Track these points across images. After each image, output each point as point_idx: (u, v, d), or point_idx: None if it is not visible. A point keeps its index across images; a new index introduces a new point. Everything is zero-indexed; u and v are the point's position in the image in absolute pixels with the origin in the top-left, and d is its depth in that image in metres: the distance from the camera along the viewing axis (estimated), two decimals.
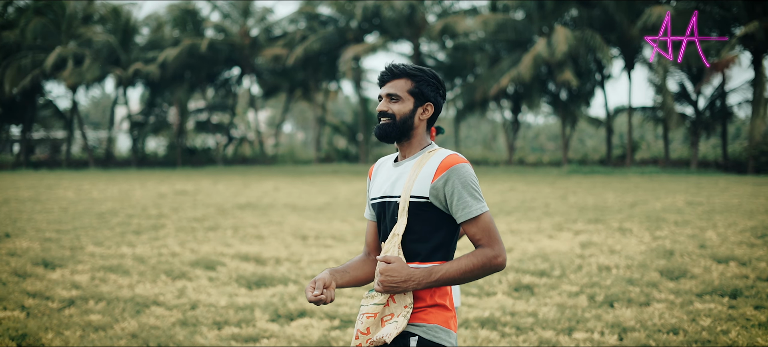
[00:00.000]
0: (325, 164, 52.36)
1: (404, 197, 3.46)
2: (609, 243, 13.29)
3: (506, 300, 8.63)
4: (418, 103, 3.56)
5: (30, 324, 7.55)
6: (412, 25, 49.93)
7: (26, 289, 9.25)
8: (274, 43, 52.75)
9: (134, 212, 19.76)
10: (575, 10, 46.08)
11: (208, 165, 51.75)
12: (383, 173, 3.69)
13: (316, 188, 30.10)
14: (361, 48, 49.93)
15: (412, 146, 3.59)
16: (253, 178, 36.82)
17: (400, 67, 3.58)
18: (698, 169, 43.52)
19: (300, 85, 55.68)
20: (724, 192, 25.34)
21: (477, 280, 3.28)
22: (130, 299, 8.80)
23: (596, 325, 7.40)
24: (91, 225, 16.47)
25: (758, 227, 15.11)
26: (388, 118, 3.55)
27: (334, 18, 53.48)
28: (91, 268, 10.82)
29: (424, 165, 3.49)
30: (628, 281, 9.52)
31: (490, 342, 6.99)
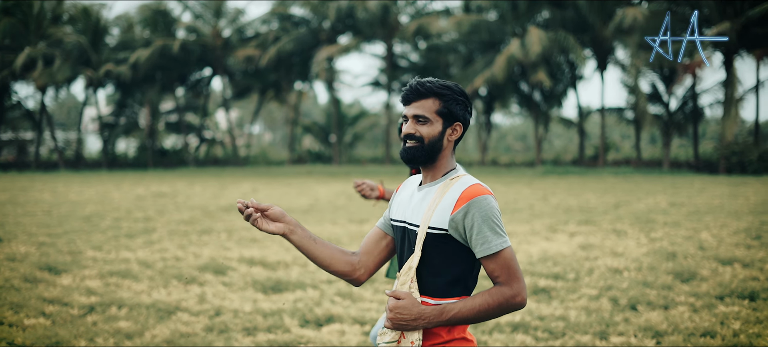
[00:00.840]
0: (299, 166, 52.24)
1: (422, 229, 3.26)
2: (608, 245, 13.39)
3: (529, 304, 8.67)
4: (447, 123, 3.34)
5: (60, 331, 7.47)
6: (386, 26, 50.02)
7: (42, 295, 9.16)
8: (247, 44, 52.58)
9: (119, 215, 19.60)
10: (548, 11, 46.39)
11: (180, 166, 51.44)
12: (407, 193, 3.51)
13: (294, 189, 30.03)
14: (334, 49, 49.94)
15: (436, 169, 3.38)
16: (229, 180, 36.65)
17: (426, 86, 3.35)
18: (670, 169, 43.98)
19: (272, 86, 55.49)
20: (702, 193, 25.61)
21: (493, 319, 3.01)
22: (151, 305, 8.74)
23: (628, 329, 7.46)
24: (81, 229, 16.31)
25: (750, 228, 15.28)
26: (415, 141, 3.33)
27: (306, 19, 53.41)
28: (98, 273, 10.73)
29: (445, 194, 3.28)
30: (644, 283, 9.60)
31: None
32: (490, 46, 48.03)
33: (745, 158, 38.47)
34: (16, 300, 8.81)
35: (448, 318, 3.16)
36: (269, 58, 49.18)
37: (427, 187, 3.37)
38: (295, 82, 56.24)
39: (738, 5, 39.30)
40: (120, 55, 50.30)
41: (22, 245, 13.52)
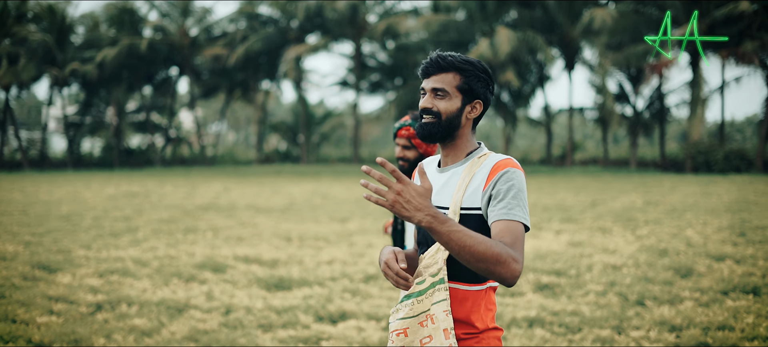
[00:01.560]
0: (267, 165, 52.05)
1: (453, 210, 3.07)
2: (597, 243, 13.51)
3: (539, 300, 8.73)
4: (467, 100, 3.17)
5: (78, 329, 7.41)
6: (355, 25, 50.00)
7: (46, 293, 9.08)
8: (215, 43, 52.29)
9: (97, 214, 19.44)
10: (516, 11, 46.67)
11: (147, 166, 51.05)
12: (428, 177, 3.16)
13: (266, 189, 29.92)
14: (303, 48, 49.87)
15: (457, 147, 3.21)
16: (198, 179, 36.42)
17: (448, 60, 3.18)
18: (638, 168, 44.42)
19: (239, 86, 55.23)
20: (674, 192, 25.88)
21: (475, 269, 2.77)
22: (160, 302, 8.69)
23: (642, 323, 7.53)
24: (63, 228, 16.15)
25: (733, 226, 15.48)
26: (432, 116, 3.16)
27: (274, 18, 53.26)
28: (95, 272, 10.65)
29: (475, 173, 3.11)
30: (645, 279, 9.70)
31: (547, 342, 7.07)
32: (459, 46, 48.20)
33: (711, 157, 38.95)
34: (22, 298, 8.72)
35: (446, 230, 2.80)
36: (237, 58, 48.94)
37: (451, 168, 3.21)
38: (262, 82, 56.03)
39: (704, 6, 39.79)
40: (86, 53, 49.76)
41: (9, 245, 13.38)
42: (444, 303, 3.04)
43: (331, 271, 10.80)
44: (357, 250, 13.04)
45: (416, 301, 3.08)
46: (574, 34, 43.85)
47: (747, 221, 16.22)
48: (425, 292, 3.06)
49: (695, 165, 39.68)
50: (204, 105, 77.38)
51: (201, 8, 53.15)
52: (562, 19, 44.15)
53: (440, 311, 3.04)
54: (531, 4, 46.11)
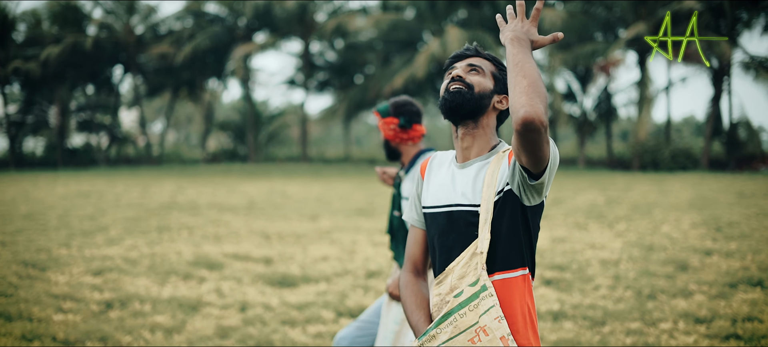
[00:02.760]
0: (214, 165, 51.59)
1: (486, 207, 2.86)
2: (580, 239, 13.61)
3: (553, 293, 8.77)
4: (497, 89, 3.03)
5: (102, 326, 7.27)
6: (303, 24, 49.82)
7: (50, 292, 8.89)
8: (161, 41, 51.64)
9: (58, 213, 19.04)
10: (465, 10, 46.94)
11: (91, 166, 50.22)
12: (443, 175, 3.08)
13: (221, 188, 29.58)
14: (252, 47, 49.56)
15: (478, 138, 3.01)
16: (148, 179, 35.89)
17: (486, 53, 3.11)
18: (586, 166, 44.99)
19: (186, 84, 54.66)
20: (630, 190, 26.15)
21: (516, 94, 2.60)
22: (171, 299, 8.55)
23: (665, 315, 7.60)
24: (31, 227, 15.82)
25: (706, 222, 15.72)
26: (463, 85, 2.99)
27: (221, 16, 52.85)
28: (88, 270, 10.46)
29: (502, 164, 2.92)
30: (647, 273, 9.80)
31: (579, 335, 7.09)
32: (408, 45, 48.33)
33: (658, 156, 39.58)
34: (28, 297, 8.54)
35: (525, 50, 2.79)
36: (185, 56, 48.44)
37: (475, 162, 3.00)
38: (209, 80, 55.55)
39: (651, 5, 40.44)
40: (28, 51, 48.73)
41: None
42: (493, 309, 2.81)
43: (331, 268, 10.74)
44: (346, 247, 12.97)
45: (459, 316, 2.84)
46: None
47: (716, 217, 16.48)
48: (467, 304, 2.84)
49: (642, 163, 40.28)
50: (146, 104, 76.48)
51: (146, 6, 52.41)
52: None
53: (492, 320, 2.81)
54: (480, 4, 46.41)
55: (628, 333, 7.04)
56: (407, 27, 46.95)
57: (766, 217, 16.17)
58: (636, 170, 40.36)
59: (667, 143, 40.86)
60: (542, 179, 2.79)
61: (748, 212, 17.40)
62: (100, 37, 50.39)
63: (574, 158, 48.78)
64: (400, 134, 4.95)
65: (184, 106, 66.98)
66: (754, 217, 16.30)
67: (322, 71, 53.83)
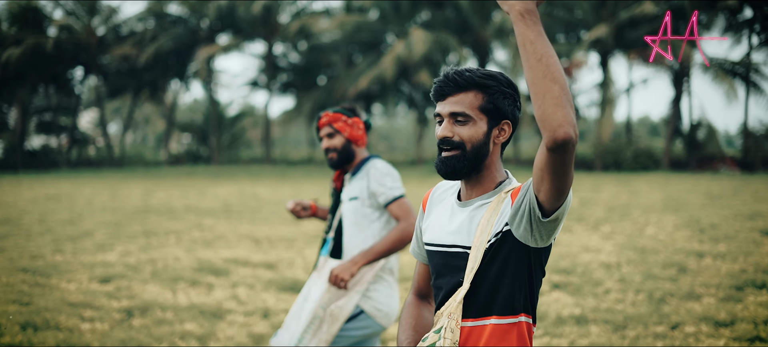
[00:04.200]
0: (178, 167, 51.24)
1: (475, 254, 2.71)
2: (571, 241, 13.82)
3: (569, 298, 8.93)
4: (493, 123, 2.76)
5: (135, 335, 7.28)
6: (267, 25, 49.72)
7: (66, 300, 8.87)
8: (123, 43, 51.17)
9: (34, 218, 18.82)
10: (428, 12, 47.22)
11: (52, 169, 49.58)
12: (443, 211, 2.93)
13: (191, 191, 29.42)
14: (215, 48, 49.36)
15: (483, 179, 2.81)
16: (113, 181, 35.57)
17: (466, 76, 2.73)
18: None
19: (148, 86, 54.24)
20: (599, 191, 26.39)
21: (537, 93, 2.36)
22: (191, 306, 8.60)
23: (682, 318, 7.78)
24: (14, 233, 15.67)
25: (689, 223, 15.99)
26: (455, 149, 2.74)
27: (183, 17, 52.55)
28: (92, 277, 10.43)
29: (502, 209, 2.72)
30: (651, 277, 10.00)
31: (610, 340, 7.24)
32: (372, 46, 48.47)
33: (620, 156, 40.13)
34: (46, 305, 8.52)
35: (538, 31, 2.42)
36: (147, 57, 48.09)
37: (477, 202, 2.81)
38: (171, 82, 55.21)
39: (611, 7, 41.01)
40: None
41: None
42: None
43: None
44: None
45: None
46: (486, 35, 44.63)
47: (695, 219, 16.76)
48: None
49: (605, 164, 40.80)
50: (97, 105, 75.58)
51: (108, 7, 51.90)
52: (474, 21, 44.84)
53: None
54: (443, 5, 46.71)
55: (657, 338, 7.19)
56: (371, 28, 47.11)
57: (744, 218, 16.47)
58: (599, 170, 40.85)
59: (628, 144, 41.42)
60: (557, 215, 2.56)
61: (724, 213, 17.72)
62: (61, 39, 49.80)
63: None
64: (363, 137, 4.99)
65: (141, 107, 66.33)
66: (731, 218, 16.60)
67: (286, 73, 53.75)
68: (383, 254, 4.73)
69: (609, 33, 39.95)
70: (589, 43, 40.90)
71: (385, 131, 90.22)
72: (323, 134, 4.99)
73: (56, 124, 52.65)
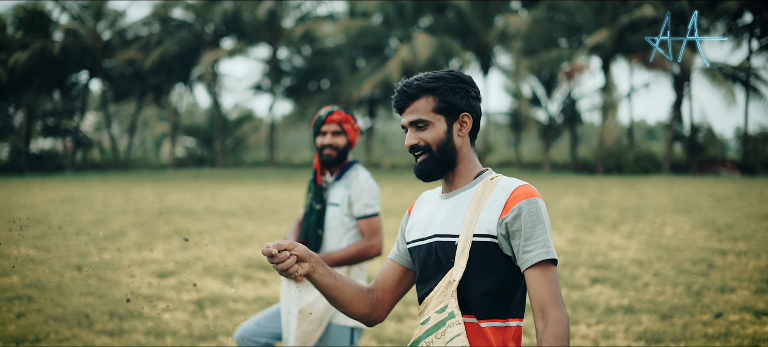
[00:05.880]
0: (184, 170, 51.62)
1: (465, 236, 2.80)
2: (594, 240, 14.30)
3: (611, 291, 9.43)
4: (451, 119, 2.92)
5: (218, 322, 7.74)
6: (272, 30, 50.15)
7: (136, 292, 9.31)
8: (128, 47, 51.52)
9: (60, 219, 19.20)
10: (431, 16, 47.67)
11: (59, 172, 49.88)
12: (428, 208, 3.04)
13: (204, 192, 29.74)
14: (220, 53, 49.81)
15: (461, 173, 2.95)
16: (123, 184, 35.92)
17: (414, 85, 2.91)
18: (552, 170, 45.93)
19: (152, 90, 54.62)
20: (606, 193, 26.87)
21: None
22: (258, 298, 9.08)
23: (722, 308, 8.29)
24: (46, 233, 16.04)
25: (705, 223, 16.51)
26: (423, 152, 2.91)
27: (188, 22, 52.95)
28: (146, 272, 10.87)
29: (489, 196, 2.84)
30: (684, 271, 10.52)
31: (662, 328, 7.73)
32: (375, 50, 48.93)
33: (622, 160, 40.63)
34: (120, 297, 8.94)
35: None
36: (153, 61, 48.45)
37: (459, 193, 2.94)
38: (175, 86, 55.60)
39: (612, 11, 41.54)
40: None
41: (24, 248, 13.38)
42: (460, 338, 2.73)
43: (376, 265, 11.27)
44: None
45: (425, 344, 2.81)
46: (489, 39, 45.14)
47: (710, 220, 17.27)
48: (434, 331, 2.79)
49: (607, 167, 41.29)
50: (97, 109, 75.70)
51: (113, 11, 52.25)
52: (477, 25, 45.33)
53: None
54: (446, 10, 47.23)
55: (704, 324, 7.70)
56: (374, 33, 47.54)
57: (757, 219, 17.00)
58: (600, 173, 41.34)
59: (630, 148, 41.92)
60: None
61: (736, 214, 18.24)
62: (67, 43, 50.11)
63: (539, 163, 49.85)
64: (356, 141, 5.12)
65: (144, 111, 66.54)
66: (745, 219, 17.12)
67: (290, 77, 54.20)
68: (341, 262, 4.87)
69: (610, 37, 40.46)
70: (590, 48, 41.41)
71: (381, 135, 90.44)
72: (329, 130, 5.01)
73: (61, 127, 52.92)
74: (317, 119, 5.05)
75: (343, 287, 2.94)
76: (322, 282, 2.87)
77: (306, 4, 52.41)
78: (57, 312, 8.37)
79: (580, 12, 43.47)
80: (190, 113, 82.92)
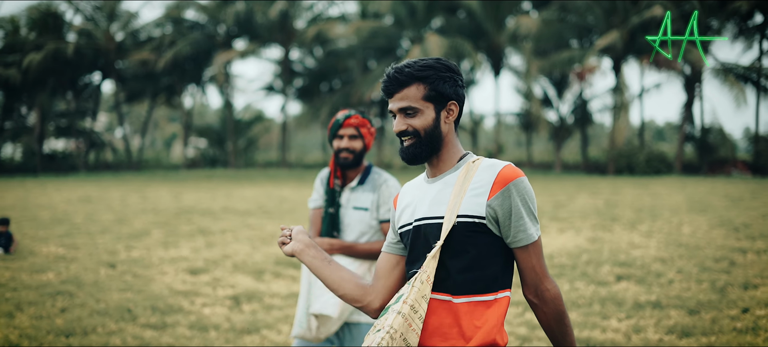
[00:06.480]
0: (196, 170, 51.93)
1: (449, 217, 2.89)
2: (613, 239, 14.48)
3: (637, 287, 9.63)
4: (439, 107, 3.00)
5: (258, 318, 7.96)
6: (284, 31, 50.41)
7: (173, 289, 9.51)
8: (141, 48, 51.84)
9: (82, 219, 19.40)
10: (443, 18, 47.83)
11: (72, 172, 50.20)
12: (413, 194, 3.13)
13: (219, 194, 29.88)
14: (233, 54, 50.10)
15: (445, 158, 3.05)
16: (137, 184, 36.15)
17: (405, 72, 2.99)
18: (563, 171, 46.10)
19: (164, 91, 54.94)
20: (619, 193, 26.99)
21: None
22: (291, 294, 9.26)
23: (750, 304, 8.48)
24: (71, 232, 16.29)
25: (722, 222, 16.67)
26: (411, 137, 3.00)
27: (200, 23, 53.23)
28: (178, 270, 11.09)
29: (473, 178, 2.94)
30: (706, 269, 10.70)
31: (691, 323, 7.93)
32: (387, 51, 49.15)
33: (633, 160, 40.76)
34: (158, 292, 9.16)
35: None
36: (165, 62, 48.74)
37: (442, 177, 3.04)
38: (188, 87, 55.90)
39: (623, 12, 41.69)
40: (9, 58, 48.67)
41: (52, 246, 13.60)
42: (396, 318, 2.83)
43: None
44: None
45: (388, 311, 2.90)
46: (500, 40, 45.31)
47: (727, 219, 17.42)
48: (395, 303, 2.92)
49: (618, 168, 41.43)
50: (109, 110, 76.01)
51: (126, 12, 52.57)
52: (488, 26, 45.50)
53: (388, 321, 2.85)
54: (457, 11, 47.42)
55: (732, 319, 7.89)
56: (386, 34, 47.76)
57: None
58: (612, 174, 41.49)
59: (641, 148, 42.07)
60: None
61: (751, 214, 18.40)
62: (80, 44, 50.42)
63: (550, 163, 50.01)
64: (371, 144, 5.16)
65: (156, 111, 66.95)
66: (760, 218, 17.29)
67: (302, 78, 54.46)
68: (359, 255, 4.92)
69: (621, 38, 40.61)
70: (601, 49, 41.57)
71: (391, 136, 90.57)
72: (346, 134, 5.03)
73: (75, 128, 53.23)
74: (334, 122, 5.09)
75: (335, 271, 3.10)
76: (311, 263, 3.07)
77: (318, 5, 52.74)
78: (99, 307, 8.61)
79: (591, 13, 43.67)
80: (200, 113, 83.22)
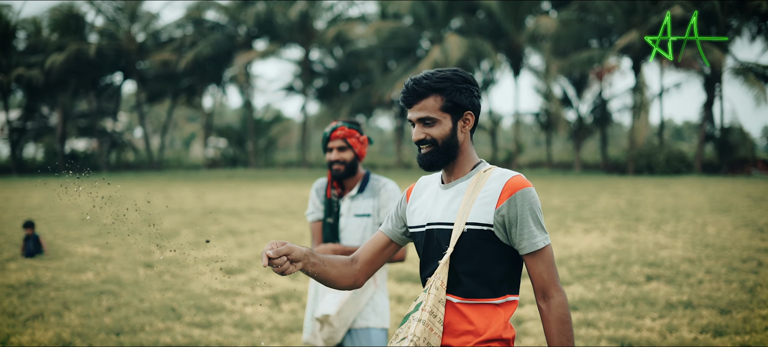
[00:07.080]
0: (217, 170, 52.26)
1: (458, 225, 3.04)
2: (639, 240, 14.63)
3: (667, 287, 9.79)
4: (456, 117, 3.12)
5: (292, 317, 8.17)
6: (304, 32, 50.67)
7: (213, 288, 9.73)
8: (162, 49, 52.20)
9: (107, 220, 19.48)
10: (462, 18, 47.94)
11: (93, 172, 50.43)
12: (427, 196, 3.27)
13: (241, 193, 30.20)
14: (253, 54, 50.40)
15: (460, 164, 3.18)
16: (160, 184, 36.45)
17: (423, 84, 3.09)
18: (582, 171, 46.16)
19: (185, 91, 55.31)
20: (640, 193, 27.05)
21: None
22: None
23: None
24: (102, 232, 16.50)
25: (746, 223, 16.78)
26: (428, 145, 3.11)
27: (221, 24, 53.55)
28: (213, 270, 11.30)
29: (483, 187, 3.08)
30: (734, 269, 10.84)
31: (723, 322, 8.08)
32: (407, 52, 49.33)
33: (653, 160, 40.76)
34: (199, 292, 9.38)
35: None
36: (186, 63, 49.07)
37: (456, 184, 3.17)
38: (208, 87, 56.24)
39: (643, 12, 41.70)
40: (32, 59, 49.11)
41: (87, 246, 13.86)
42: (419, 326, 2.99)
43: None
44: None
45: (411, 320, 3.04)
46: (520, 40, 45.42)
47: (751, 220, 17.52)
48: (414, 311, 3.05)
49: (638, 167, 41.45)
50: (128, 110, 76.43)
51: (147, 13, 52.94)
52: (508, 26, 45.61)
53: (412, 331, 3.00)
54: (476, 11, 47.55)
55: (764, 319, 8.04)
56: (406, 34, 47.96)
57: None
58: (631, 173, 41.51)
59: (661, 148, 42.07)
60: None
61: None
62: (102, 45, 50.80)
63: (570, 163, 50.06)
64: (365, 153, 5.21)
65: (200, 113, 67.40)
66: None
67: (322, 78, 54.72)
68: None
69: (640, 38, 40.61)
70: (620, 48, 41.63)
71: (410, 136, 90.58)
72: (334, 146, 5.10)
73: (96, 128, 53.60)
74: (323, 135, 5.19)
75: (329, 270, 3.18)
76: (313, 271, 3.10)
77: (338, 5, 53.00)
78: (144, 306, 8.84)
79: (610, 13, 43.72)
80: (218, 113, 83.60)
